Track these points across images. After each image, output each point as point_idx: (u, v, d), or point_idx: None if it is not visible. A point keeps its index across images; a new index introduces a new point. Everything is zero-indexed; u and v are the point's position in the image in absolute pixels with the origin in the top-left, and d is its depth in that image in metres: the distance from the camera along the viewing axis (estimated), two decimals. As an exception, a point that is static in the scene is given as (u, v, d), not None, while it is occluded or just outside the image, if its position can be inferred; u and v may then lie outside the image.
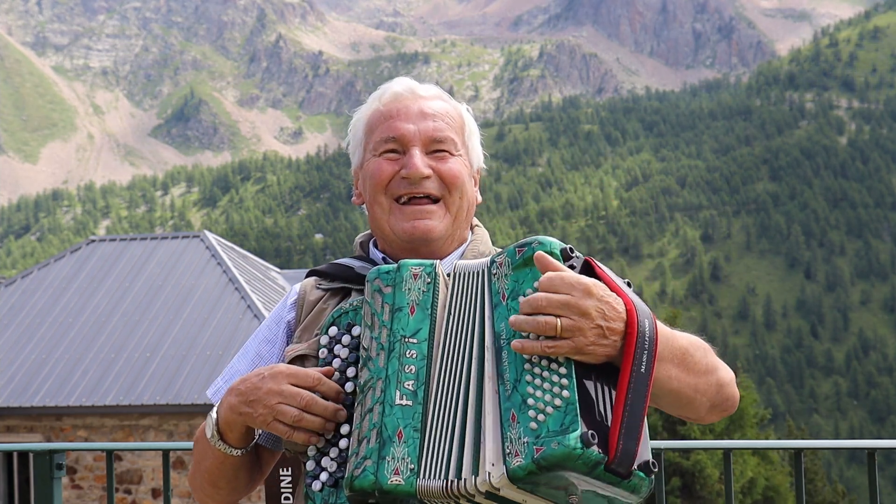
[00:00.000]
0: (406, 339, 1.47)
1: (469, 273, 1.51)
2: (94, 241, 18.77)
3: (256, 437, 1.74)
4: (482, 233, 1.88)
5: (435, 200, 1.77)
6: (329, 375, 1.57)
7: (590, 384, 1.42)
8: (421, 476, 1.40)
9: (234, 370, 1.83)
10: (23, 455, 13.60)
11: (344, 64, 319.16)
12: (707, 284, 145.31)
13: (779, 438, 35.56)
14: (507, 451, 1.36)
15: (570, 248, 1.47)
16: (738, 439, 22.20)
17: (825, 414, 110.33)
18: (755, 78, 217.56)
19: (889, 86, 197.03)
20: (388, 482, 1.39)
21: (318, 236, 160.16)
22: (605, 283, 1.47)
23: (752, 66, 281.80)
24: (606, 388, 1.44)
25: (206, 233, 18.81)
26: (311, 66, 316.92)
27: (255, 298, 16.07)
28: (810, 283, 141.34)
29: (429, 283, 1.50)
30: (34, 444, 4.01)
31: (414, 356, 1.46)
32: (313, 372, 1.56)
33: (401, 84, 1.85)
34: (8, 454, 13.89)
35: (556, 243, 1.46)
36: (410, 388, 1.44)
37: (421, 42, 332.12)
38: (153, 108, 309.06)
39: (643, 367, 1.39)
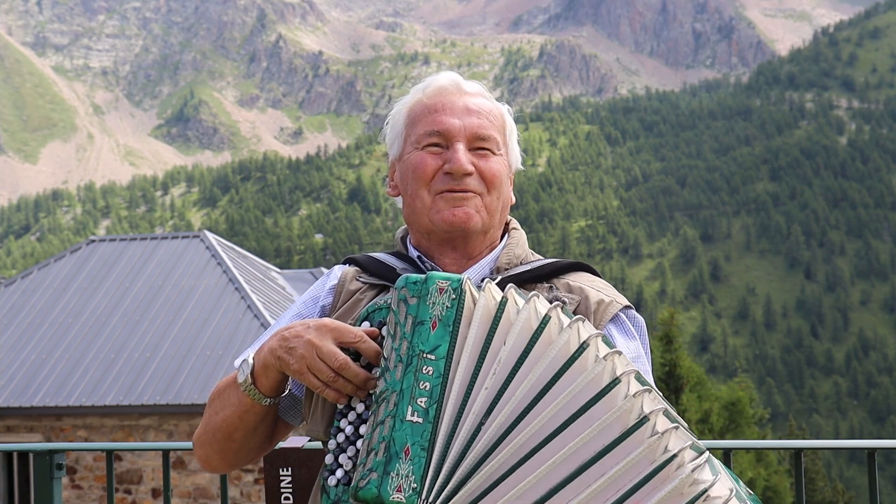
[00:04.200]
0: (424, 355, 1.46)
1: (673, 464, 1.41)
2: (94, 241, 18.76)
3: (286, 390, 1.72)
4: (519, 235, 1.87)
5: (475, 197, 1.76)
6: (373, 337, 1.56)
7: None
8: (423, 497, 1.40)
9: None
10: (23, 455, 13.59)
11: (344, 64, 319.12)
12: (707, 284, 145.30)
13: (779, 438, 35.56)
14: None
15: None
16: (737, 439, 22.19)
17: (825, 414, 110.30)
18: (755, 78, 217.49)
19: (889, 86, 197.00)
20: (390, 498, 1.40)
21: (318, 236, 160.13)
22: None
23: (752, 66, 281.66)
24: None
25: (206, 233, 18.80)
26: (311, 66, 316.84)
27: (255, 298, 16.07)
28: (810, 283, 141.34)
29: (454, 300, 1.48)
30: (34, 444, 4.00)
31: (430, 373, 1.45)
32: (358, 329, 1.56)
33: (446, 78, 1.83)
34: (8, 454, 13.88)
35: None
36: (423, 405, 1.43)
37: (421, 42, 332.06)
38: (153, 108, 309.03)
39: None
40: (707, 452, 1.44)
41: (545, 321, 1.46)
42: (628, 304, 1.74)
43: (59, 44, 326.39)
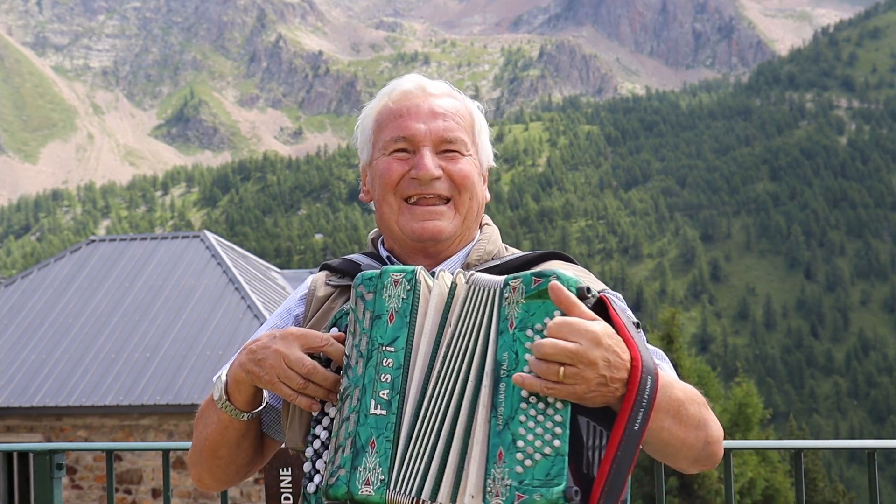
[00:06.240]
0: (383, 348, 1.45)
1: (482, 289, 1.47)
2: (94, 241, 18.76)
3: (263, 404, 1.72)
4: (491, 231, 1.85)
5: (445, 201, 1.75)
6: (341, 341, 1.57)
7: (583, 424, 1.43)
8: (391, 488, 1.39)
9: None
10: (23, 455, 13.60)
11: (344, 64, 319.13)
12: (707, 284, 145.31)
13: (780, 438, 35.56)
14: (489, 488, 1.35)
15: (587, 288, 1.43)
16: (738, 439, 22.17)
17: (825, 414, 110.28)
18: (755, 78, 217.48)
19: (889, 86, 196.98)
20: (360, 492, 1.39)
21: (318, 236, 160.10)
22: (615, 326, 1.43)
23: (752, 66, 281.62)
24: (599, 432, 1.44)
25: (206, 233, 18.80)
26: (311, 66, 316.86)
27: (255, 298, 16.07)
28: (810, 283, 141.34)
29: (409, 291, 1.48)
30: (34, 444, 4.00)
31: (390, 365, 1.45)
32: (324, 334, 1.58)
33: (411, 81, 1.82)
34: (8, 454, 13.88)
35: (574, 279, 1.42)
36: (385, 397, 1.43)
37: (421, 42, 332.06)
38: (153, 108, 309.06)
39: (637, 424, 1.39)
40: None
41: None
42: (604, 288, 1.70)
43: (59, 44, 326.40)
